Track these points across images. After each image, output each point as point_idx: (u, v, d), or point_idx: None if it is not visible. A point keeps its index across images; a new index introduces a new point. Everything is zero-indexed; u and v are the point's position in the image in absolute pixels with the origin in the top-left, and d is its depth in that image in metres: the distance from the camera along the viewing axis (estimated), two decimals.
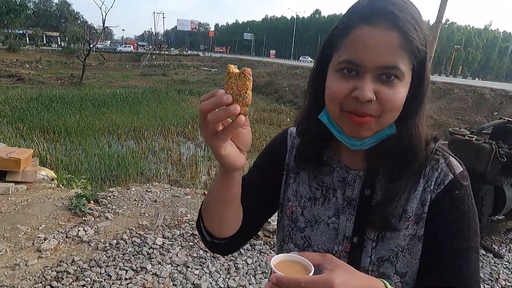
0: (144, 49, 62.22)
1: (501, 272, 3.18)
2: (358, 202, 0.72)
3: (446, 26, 78.39)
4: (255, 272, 2.87)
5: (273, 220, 3.74)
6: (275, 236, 3.30)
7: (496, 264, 3.30)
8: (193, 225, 3.46)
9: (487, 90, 16.32)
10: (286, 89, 25.84)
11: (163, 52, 46.96)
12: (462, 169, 0.69)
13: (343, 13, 0.68)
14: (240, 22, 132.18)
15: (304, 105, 0.77)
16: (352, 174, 0.73)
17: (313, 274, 0.54)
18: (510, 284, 3.02)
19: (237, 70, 0.56)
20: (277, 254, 0.85)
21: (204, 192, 4.39)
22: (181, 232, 3.35)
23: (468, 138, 3.48)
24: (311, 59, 58.54)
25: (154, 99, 17.19)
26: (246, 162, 0.66)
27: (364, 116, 0.61)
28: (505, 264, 3.32)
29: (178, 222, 3.52)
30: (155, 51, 46.09)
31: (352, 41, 0.61)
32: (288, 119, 16.49)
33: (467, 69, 73.39)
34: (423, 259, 0.69)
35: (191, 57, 49.65)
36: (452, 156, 0.71)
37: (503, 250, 3.57)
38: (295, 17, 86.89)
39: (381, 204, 0.68)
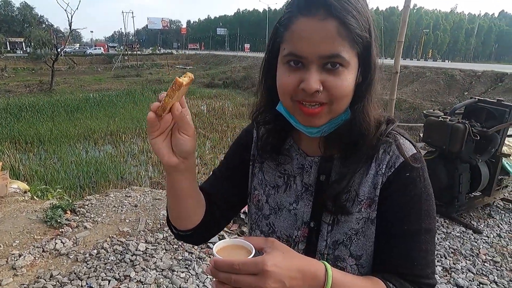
0: (116, 50, 60.61)
1: (481, 247, 3.28)
2: (314, 188, 0.74)
3: (414, 11, 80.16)
4: None
5: None
6: None
7: (476, 240, 3.40)
8: None
9: (457, 71, 16.83)
10: None
11: (135, 52, 45.91)
12: (415, 152, 0.69)
13: None
14: (213, 18, 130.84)
15: (259, 98, 0.77)
16: (308, 161, 0.76)
17: (253, 257, 0.55)
18: (490, 258, 3.11)
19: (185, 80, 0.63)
20: None
21: None
22: (165, 236, 3.27)
23: (442, 119, 3.54)
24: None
25: (130, 101, 16.80)
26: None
27: (315, 106, 0.63)
28: (484, 239, 3.42)
29: (160, 225, 3.44)
30: (127, 52, 44.91)
31: (292, 33, 0.62)
32: None
33: (437, 52, 75.54)
34: (376, 242, 0.70)
35: (164, 56, 48.81)
36: (407, 139, 0.71)
37: (482, 226, 3.68)
38: (267, 9, 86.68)
39: (333, 188, 0.69)
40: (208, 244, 3.19)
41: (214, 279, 0.55)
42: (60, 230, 3.30)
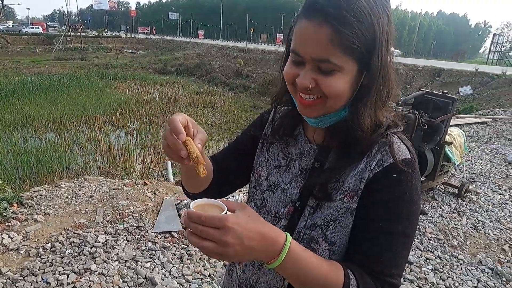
0: (56, 30, 55.81)
1: (427, 226, 3.60)
2: (308, 172, 0.80)
3: None
4: (208, 257, 2.83)
5: None
6: None
7: (422, 220, 3.72)
8: (137, 218, 3.27)
9: (401, 66, 17.96)
10: (218, 70, 25.48)
11: (79, 33, 42.62)
12: (408, 157, 0.70)
13: None
14: (164, 1, 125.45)
15: (281, 82, 0.81)
16: (309, 147, 0.81)
17: None
18: (435, 236, 3.43)
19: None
20: None
21: (144, 182, 4.17)
22: (125, 226, 3.15)
23: (395, 109, 3.78)
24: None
25: (74, 86, 15.67)
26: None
27: (310, 98, 0.68)
28: (429, 219, 3.75)
29: (120, 215, 3.30)
30: (69, 33, 41.59)
31: (296, 33, 0.67)
32: (222, 101, 16.36)
33: None
34: (351, 233, 0.72)
35: (112, 39, 45.90)
36: (404, 144, 0.73)
37: (427, 207, 4.03)
38: None
39: (324, 175, 0.74)
40: (172, 233, 3.13)
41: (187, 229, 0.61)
42: (7, 224, 3.04)
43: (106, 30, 68.26)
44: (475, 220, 3.78)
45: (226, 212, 0.61)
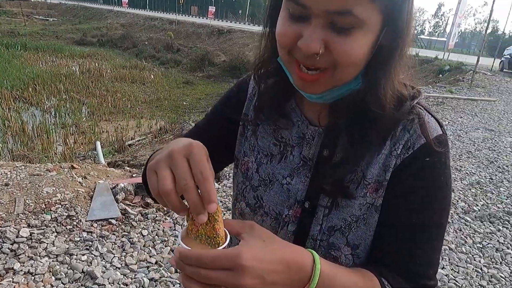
0: None
1: None
2: (314, 163, 0.64)
3: None
4: (153, 243, 2.66)
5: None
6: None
7: None
8: (67, 206, 2.91)
9: None
10: (146, 43, 23.85)
11: None
12: (441, 133, 0.59)
13: None
14: None
15: (262, 45, 0.64)
16: (311, 131, 0.64)
17: (228, 245, 0.47)
18: None
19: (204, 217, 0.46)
20: (232, 212, 0.80)
21: (71, 166, 3.74)
22: (53, 216, 2.79)
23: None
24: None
25: None
26: None
27: (313, 72, 0.52)
28: None
29: (46, 205, 2.91)
30: None
31: None
32: (152, 76, 15.41)
33: None
34: (377, 230, 0.61)
35: (17, 2, 39.88)
36: (433, 116, 0.61)
37: None
38: None
39: (337, 167, 0.59)
40: (110, 220, 2.87)
41: (180, 272, 0.46)
42: None
43: None
44: None
45: (229, 238, 0.47)
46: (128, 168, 4.55)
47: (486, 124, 7.19)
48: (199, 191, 0.44)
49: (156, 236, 2.73)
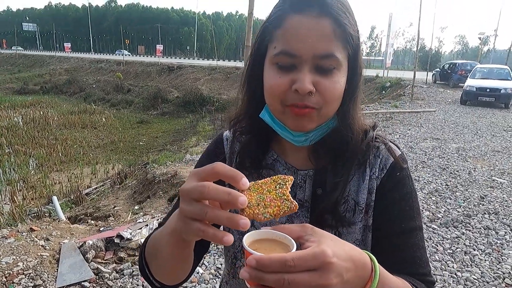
0: None
1: None
2: (310, 203, 0.70)
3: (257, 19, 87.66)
4: None
5: (135, 235, 3.33)
6: None
7: None
8: (31, 275, 2.66)
9: None
10: (94, 86, 23.27)
11: None
12: (400, 153, 0.71)
13: (140, 2, 0.61)
14: (15, 10, 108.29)
15: (241, 104, 0.72)
16: (301, 175, 0.71)
17: (296, 249, 0.45)
18: None
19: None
20: (228, 273, 0.79)
21: (31, 228, 3.44)
22: None
23: None
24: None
25: None
26: None
27: (305, 108, 0.60)
28: None
29: (6, 278, 2.62)
30: None
31: (285, 31, 0.59)
32: (103, 119, 14.93)
33: None
34: (374, 245, 0.68)
35: None
36: (391, 141, 0.73)
37: None
38: (87, 5, 78.00)
39: (328, 199, 0.66)
40: (82, 283, 2.65)
41: (249, 286, 0.42)
42: None
43: None
44: None
45: (294, 243, 0.45)
46: (92, 221, 4.28)
47: (432, 134, 7.80)
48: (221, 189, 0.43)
49: None
